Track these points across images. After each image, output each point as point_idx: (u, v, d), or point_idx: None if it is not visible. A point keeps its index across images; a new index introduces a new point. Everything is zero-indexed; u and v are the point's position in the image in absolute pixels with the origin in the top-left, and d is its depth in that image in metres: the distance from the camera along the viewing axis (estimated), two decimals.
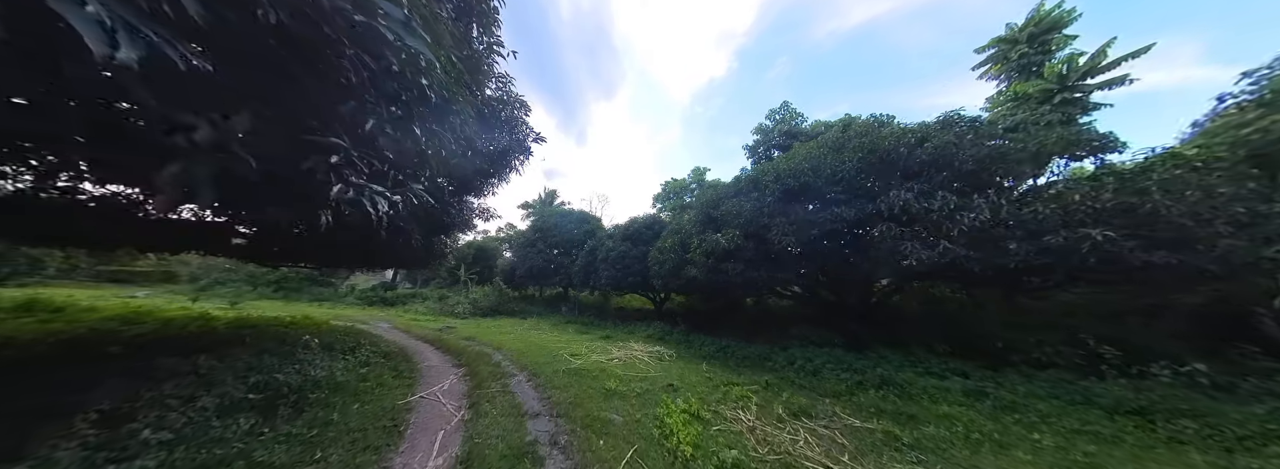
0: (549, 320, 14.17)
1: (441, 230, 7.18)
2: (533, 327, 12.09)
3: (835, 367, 6.49)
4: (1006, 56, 11.86)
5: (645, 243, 13.97)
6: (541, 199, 25.33)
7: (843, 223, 7.07)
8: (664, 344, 9.02)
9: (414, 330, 9.75)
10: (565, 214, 19.28)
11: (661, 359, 7.22)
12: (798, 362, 6.88)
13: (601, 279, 13.62)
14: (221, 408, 3.57)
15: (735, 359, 7.44)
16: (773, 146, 12.50)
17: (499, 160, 6.28)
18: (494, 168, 6.32)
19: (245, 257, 8.32)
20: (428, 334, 9.20)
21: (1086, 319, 7.02)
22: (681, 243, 9.98)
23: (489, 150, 5.81)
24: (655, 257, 10.99)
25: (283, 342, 6.35)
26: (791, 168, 7.73)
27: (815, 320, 10.65)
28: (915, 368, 6.41)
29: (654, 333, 10.69)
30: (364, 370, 5.35)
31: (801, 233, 7.34)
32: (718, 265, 8.40)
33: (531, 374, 5.66)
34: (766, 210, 7.86)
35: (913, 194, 6.43)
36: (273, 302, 16.75)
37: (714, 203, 9.87)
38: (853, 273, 8.21)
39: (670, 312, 15.28)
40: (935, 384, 5.47)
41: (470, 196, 7.46)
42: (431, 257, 8.08)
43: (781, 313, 13.75)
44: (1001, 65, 12.19)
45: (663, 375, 5.93)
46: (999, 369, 6.26)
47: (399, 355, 6.57)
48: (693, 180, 21.67)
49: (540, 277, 18.54)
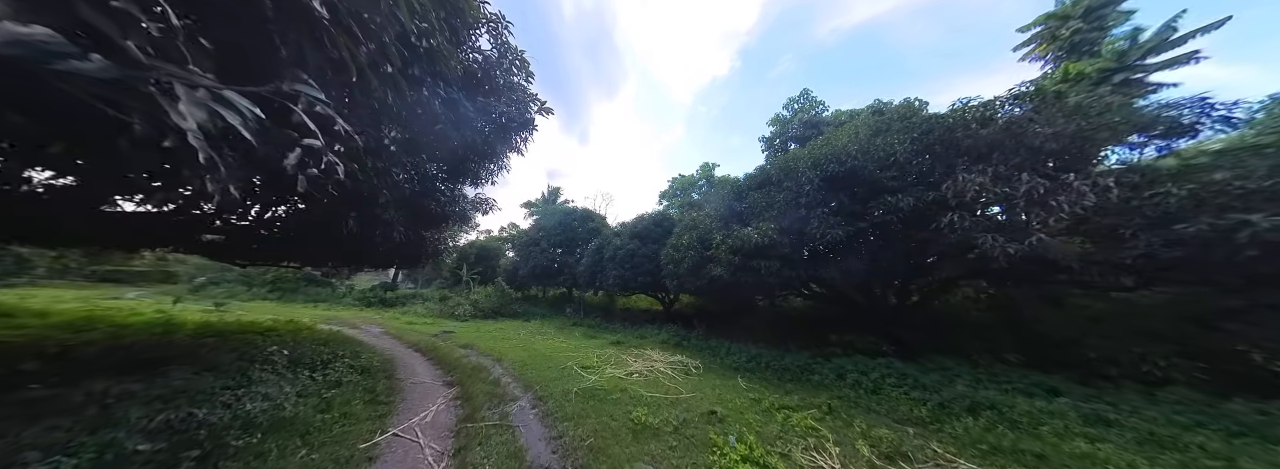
0: (553, 323, 13.00)
1: (432, 223, 6.01)
2: (537, 330, 10.91)
3: (898, 382, 5.32)
4: (1056, 34, 10.71)
5: (655, 241, 12.84)
6: (544, 197, 24.17)
7: (899, 213, 5.91)
8: (684, 352, 7.84)
9: (407, 336, 8.57)
10: (569, 212, 18.14)
11: (688, 372, 6.04)
12: (850, 375, 5.71)
13: (609, 279, 12.46)
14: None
15: (773, 372, 6.26)
16: (790, 139, 11.35)
17: (496, 137, 5.08)
18: (489, 146, 5.11)
19: (222, 255, 7.15)
20: (421, 341, 8.02)
21: (1169, 324, 5.84)
22: (701, 239, 8.82)
23: (479, 127, 4.60)
24: (670, 255, 9.83)
25: (243, 354, 5.19)
26: (833, 152, 6.56)
27: (841, 323, 9.50)
28: (997, 384, 5.23)
29: (668, 337, 9.52)
30: (330, 394, 4.18)
31: (848, 225, 6.18)
32: (746, 263, 7.24)
33: (537, 397, 4.48)
34: (804, 200, 6.70)
35: (986, 178, 5.27)
36: (266, 303, 15.59)
37: (737, 194, 8.72)
38: (899, 270, 7.05)
39: (681, 313, 14.11)
40: (1038, 407, 4.30)
41: (465, 185, 6.29)
42: (424, 254, 6.92)
43: (798, 315, 12.58)
44: (1049, 45, 11.04)
45: (697, 396, 4.75)
46: (1092, 383, 5.09)
47: (380, 371, 5.39)
48: (701, 176, 20.51)
49: (543, 277, 17.39)
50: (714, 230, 8.47)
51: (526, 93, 4.96)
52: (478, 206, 6.44)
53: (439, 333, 9.17)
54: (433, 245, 6.77)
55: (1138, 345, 5.41)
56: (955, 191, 5.45)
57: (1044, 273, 5.68)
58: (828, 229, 6.16)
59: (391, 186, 3.73)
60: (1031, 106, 5.96)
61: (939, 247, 5.96)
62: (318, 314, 12.71)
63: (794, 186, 7.06)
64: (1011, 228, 5.00)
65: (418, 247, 6.30)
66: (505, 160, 5.77)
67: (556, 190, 24.13)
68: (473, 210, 6.52)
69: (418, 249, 6.48)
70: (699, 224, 9.60)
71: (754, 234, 6.72)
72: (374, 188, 3.40)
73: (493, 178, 6.10)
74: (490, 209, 6.56)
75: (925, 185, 5.92)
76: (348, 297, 18.07)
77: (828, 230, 6.16)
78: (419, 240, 6.14)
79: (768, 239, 6.62)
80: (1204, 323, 5.75)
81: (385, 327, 10.26)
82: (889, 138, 6.35)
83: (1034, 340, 6.31)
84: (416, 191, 4.62)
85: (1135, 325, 6.07)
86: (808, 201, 6.65)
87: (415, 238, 6.02)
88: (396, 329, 9.77)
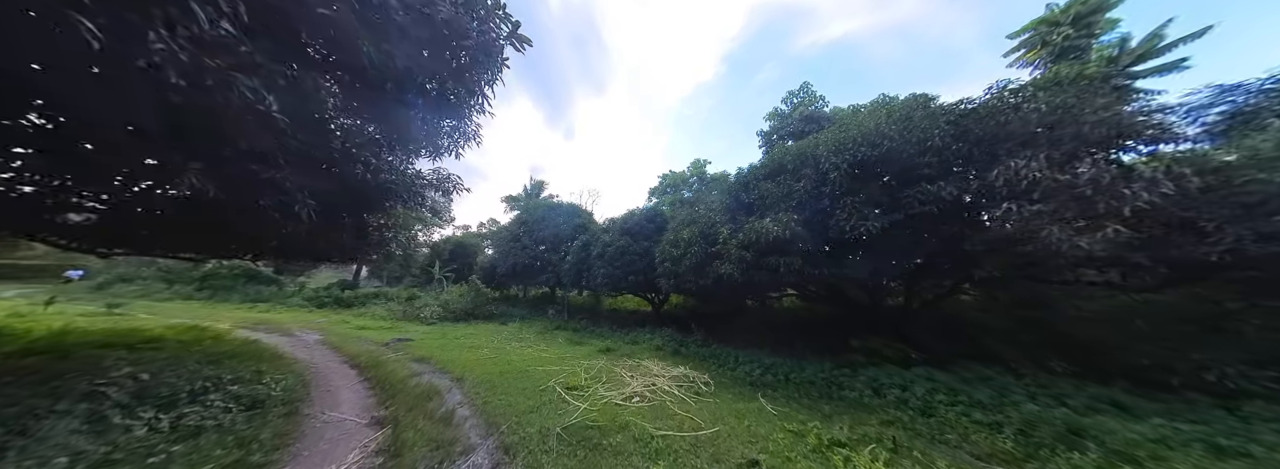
0: (534, 326, 11.48)
1: (367, 200, 4.46)
2: (514, 335, 9.38)
3: (949, 400, 4.38)
4: (1046, 40, 10.59)
5: (646, 238, 11.63)
6: (527, 191, 22.37)
7: (940, 204, 5.03)
8: (685, 361, 6.66)
9: (349, 346, 6.83)
10: (554, 207, 16.61)
11: (698, 392, 4.84)
12: (888, 391, 4.73)
13: (597, 278, 11.11)
14: None
15: (796, 387, 5.18)
16: (788, 134, 10.55)
17: (451, 77, 3.52)
18: (443, 89, 3.58)
19: (99, 243, 5.18)
20: (365, 352, 6.35)
21: (1181, 328, 5.31)
22: (704, 234, 7.70)
23: (417, 42, 3.02)
24: (666, 251, 8.65)
25: (64, 384, 3.47)
26: (863, 134, 5.63)
27: (844, 325, 8.70)
28: (1056, 398, 4.38)
29: (663, 342, 8.31)
30: (171, 451, 2.62)
31: (880, 217, 5.25)
32: (760, 260, 6.17)
33: (503, 447, 3.08)
34: (828, 189, 5.73)
35: (1041, 164, 4.47)
36: (189, 304, 12.96)
37: (744, 185, 7.68)
38: (932, 266, 6.23)
39: (673, 315, 12.97)
40: (1141, 433, 3.42)
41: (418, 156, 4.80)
42: (366, 245, 5.32)
43: (794, 315, 11.74)
44: (1038, 50, 10.93)
45: (723, 432, 3.56)
46: (1155, 395, 4.36)
47: (281, 403, 3.75)
48: (693, 173, 19.55)
49: (524, 275, 15.74)
50: (720, 224, 7.38)
51: (491, 10, 3.37)
52: (438, 185, 4.90)
53: (393, 341, 7.48)
54: (378, 234, 5.19)
55: (1191, 350, 4.75)
56: (1008, 179, 4.62)
57: (1096, 270, 4.94)
58: (860, 221, 5.19)
59: (262, 119, 2.30)
60: (1074, 91, 5.28)
61: (981, 241, 5.13)
62: (247, 317, 10.51)
63: (814, 174, 6.09)
64: (1081, 220, 4.18)
65: (357, 235, 4.72)
66: (467, 115, 4.30)
67: (540, 184, 22.42)
68: (430, 189, 4.98)
69: (358, 239, 4.89)
70: (700, 218, 8.50)
71: (773, 227, 5.66)
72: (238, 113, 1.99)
73: (456, 147, 4.65)
74: (455, 189, 5.00)
75: (967, 173, 5.10)
76: (297, 296, 15.57)
77: (860, 222, 5.19)
78: (359, 229, 4.57)
79: (789, 232, 5.56)
80: (1203, 324, 5.19)
81: (327, 333, 8.40)
82: (925, 121, 5.49)
83: (1065, 344, 5.61)
84: (334, 151, 3.17)
85: (1173, 329, 5.48)
86: (833, 190, 5.68)
87: (354, 225, 4.45)
88: (340, 336, 7.96)
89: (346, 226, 4.63)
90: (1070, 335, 5.68)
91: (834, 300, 9.83)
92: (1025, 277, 6.38)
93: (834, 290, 8.84)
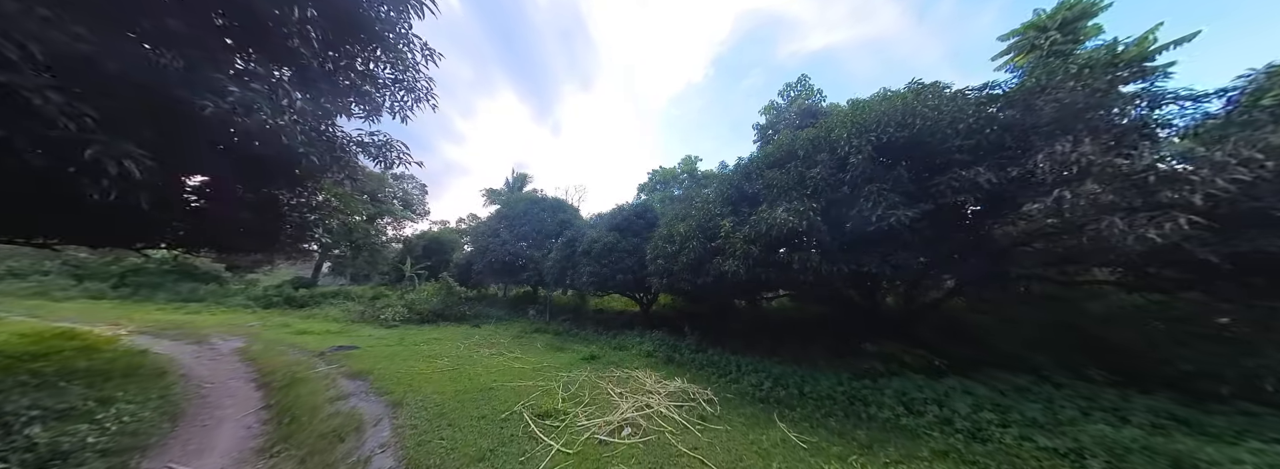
0: (511, 329, 10.24)
1: (267, 169, 3.21)
2: (485, 340, 8.15)
3: (998, 418, 3.64)
4: (1035, 44, 10.49)
5: (636, 234, 10.65)
6: (510, 184, 20.84)
7: (978, 192, 4.33)
8: (682, 371, 5.71)
9: (269, 358, 5.42)
10: (537, 201, 15.34)
11: (703, 414, 3.88)
12: (923, 407, 3.95)
13: (582, 277, 10.01)
14: None
15: (815, 404, 4.33)
16: (785, 127, 9.90)
17: None
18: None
19: None
20: (288, 365, 5.00)
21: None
22: (702, 228, 6.79)
23: None
24: (659, 248, 7.69)
25: None
26: (891, 110, 4.88)
27: (839, 326, 8.06)
28: (1108, 413, 3.73)
29: (654, 348, 7.35)
30: None
31: (909, 206, 4.50)
32: (768, 256, 5.33)
33: None
34: (849, 176, 4.94)
35: (1091, 147, 3.85)
36: (94, 304, 10.77)
37: (746, 175, 6.85)
38: (957, 262, 5.57)
39: (662, 316, 12.04)
40: (1250, 464, 2.73)
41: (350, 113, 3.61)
42: (281, 229, 4.01)
43: (784, 316, 11.07)
44: (1027, 55, 10.84)
45: None
46: (1210, 407, 3.80)
47: (100, 454, 2.48)
48: (684, 170, 18.75)
49: (503, 273, 14.36)
50: (720, 216, 6.49)
51: None
52: (375, 152, 3.67)
53: (331, 350, 6.09)
54: (297, 216, 3.91)
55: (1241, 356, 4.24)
56: (1054, 163, 3.97)
57: (1151, 268, 4.37)
58: (889, 210, 4.41)
59: None
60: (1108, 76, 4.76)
61: (1015, 234, 4.50)
62: (161, 320, 8.72)
63: (830, 160, 5.31)
64: (1145, 210, 3.55)
65: (265, 217, 3.46)
66: (412, 68, 3.19)
67: (523, 177, 20.94)
68: (365, 156, 3.72)
69: (267, 220, 3.62)
70: (692, 212, 7.60)
71: (787, 217, 4.81)
72: None
73: (402, 107, 3.48)
74: (398, 160, 3.71)
75: (1002, 158, 4.44)
76: (241, 295, 13.53)
77: (889, 212, 4.41)
78: (262, 207, 3.32)
79: (805, 223, 4.72)
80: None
81: (253, 340, 6.89)
82: (953, 103, 4.82)
83: (1096, 348, 5.06)
84: (176, 72, 2.02)
85: (1183, 332, 5.03)
86: (853, 177, 4.89)
87: (256, 200, 3.22)
88: (267, 344, 6.49)
89: (245, 203, 3.36)
90: (1103, 339, 5.14)
91: (829, 300, 9.19)
92: (1039, 277, 5.88)
93: (831, 289, 8.16)
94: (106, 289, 12.38)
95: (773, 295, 10.73)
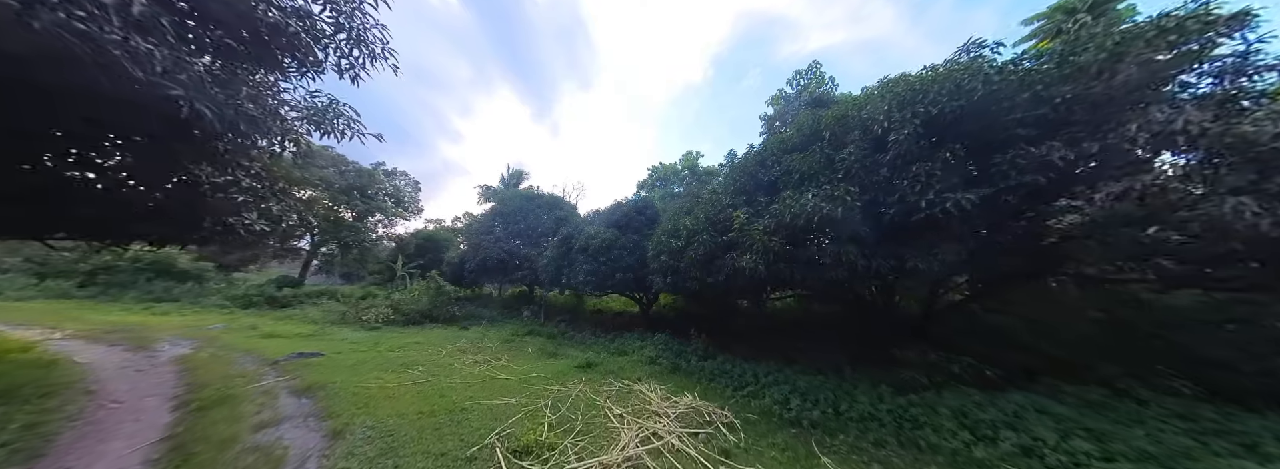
0: (502, 331, 9.41)
1: (189, 148, 2.37)
2: (472, 345, 7.32)
3: (1099, 449, 2.86)
4: (1062, 28, 9.80)
5: (636, 230, 9.85)
6: (505, 180, 19.98)
7: (1048, 171, 3.56)
8: (691, 383, 4.91)
9: (210, 368, 4.57)
10: (532, 197, 14.51)
11: (726, 449, 3.07)
12: (989, 429, 3.15)
13: (579, 276, 9.18)
14: None
15: (859, 428, 3.53)
16: (784, 126, 9.14)
17: None
18: None
19: None
20: (227, 378, 4.15)
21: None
22: (712, 220, 6.00)
23: None
24: (662, 243, 6.89)
25: None
26: (935, 83, 4.10)
27: (850, 327, 7.29)
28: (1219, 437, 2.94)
29: (657, 354, 6.55)
30: None
31: (969, 187, 3.72)
32: (791, 251, 4.53)
33: None
34: (889, 156, 4.15)
35: (1204, 113, 3.09)
36: (48, 304, 9.82)
37: (761, 161, 6.06)
38: (1006, 253, 4.77)
39: (663, 317, 11.24)
40: None
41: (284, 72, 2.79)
42: (195, 223, 3.17)
43: (789, 317, 10.28)
44: (1051, 40, 10.18)
45: None
46: None
47: None
48: (685, 166, 17.95)
49: (497, 272, 13.52)
50: (732, 207, 5.70)
51: None
52: (315, 117, 2.82)
53: (288, 358, 5.23)
54: (228, 204, 3.07)
55: None
56: (1155, 133, 3.20)
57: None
58: (944, 193, 3.63)
59: None
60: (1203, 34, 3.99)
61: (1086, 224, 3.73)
62: (110, 322, 7.85)
63: (863, 139, 4.52)
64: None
65: (177, 196, 2.63)
66: (356, 8, 2.39)
67: (519, 173, 20.08)
68: (304, 121, 2.89)
69: (180, 200, 2.78)
70: (699, 205, 6.81)
71: (819, 204, 4.01)
72: None
73: (351, 63, 2.67)
74: (348, 129, 2.89)
75: (1074, 132, 3.67)
76: (218, 295, 12.61)
77: (943, 196, 3.63)
78: (183, 185, 2.49)
79: (839, 210, 3.93)
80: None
81: (208, 345, 6.00)
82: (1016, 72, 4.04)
83: (1185, 358, 4.28)
84: None
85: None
86: (896, 157, 4.11)
87: (159, 170, 2.38)
88: (221, 350, 5.62)
89: (153, 181, 2.52)
90: (1189, 348, 4.36)
91: (841, 300, 8.39)
92: (1080, 275, 5.11)
93: (849, 288, 7.37)
94: (71, 288, 11.42)
95: (780, 296, 9.96)
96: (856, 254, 4.08)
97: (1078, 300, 5.56)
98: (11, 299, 10.01)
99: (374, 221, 19.75)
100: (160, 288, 12.48)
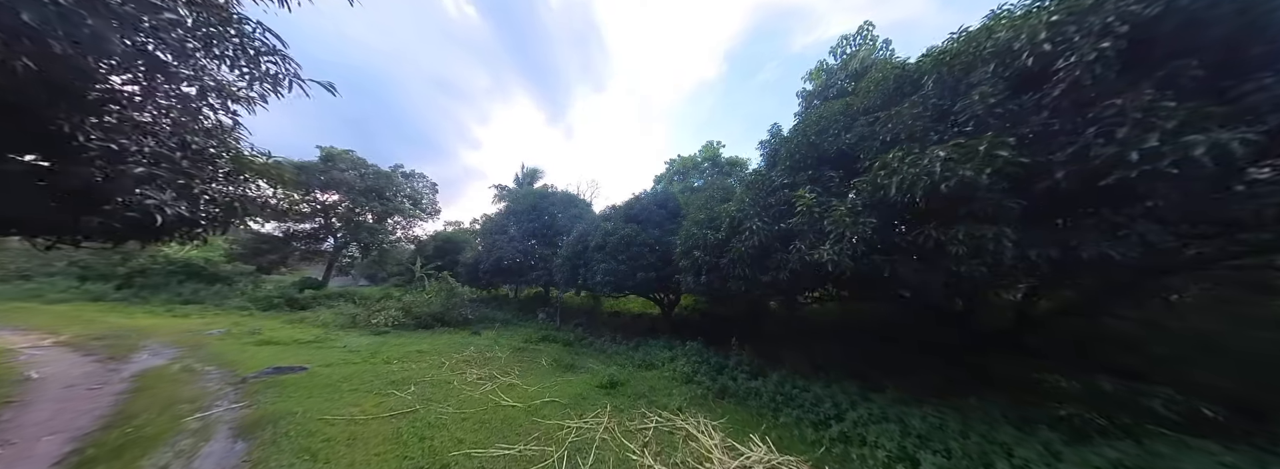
0: (516, 336, 8.37)
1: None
2: (480, 354, 6.29)
3: None
4: None
5: (657, 225, 8.61)
6: (519, 179, 19.20)
7: None
8: (746, 413, 3.65)
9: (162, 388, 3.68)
10: (546, 195, 13.55)
11: None
12: None
13: (595, 275, 8.03)
14: None
15: None
16: (839, 94, 7.61)
17: None
18: None
19: None
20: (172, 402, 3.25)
21: None
22: (760, 205, 4.66)
23: None
24: (694, 235, 5.62)
25: None
26: None
27: (910, 336, 5.73)
28: None
29: (692, 368, 5.30)
30: None
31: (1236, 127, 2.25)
32: (895, 237, 3.16)
33: None
34: (1053, 97, 2.73)
35: None
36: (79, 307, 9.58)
37: (823, 128, 4.66)
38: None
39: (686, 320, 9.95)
40: None
41: None
42: (87, 206, 2.17)
43: (830, 322, 8.69)
44: None
45: None
46: None
47: None
48: (705, 158, 16.59)
49: (512, 273, 12.61)
50: (788, 186, 4.36)
51: None
52: (228, 55, 1.81)
53: (262, 373, 4.28)
54: (142, 179, 2.07)
55: None
56: None
57: None
58: (1181, 134, 2.20)
59: None
60: None
61: None
62: (119, 325, 7.34)
63: (994, 79, 3.10)
64: None
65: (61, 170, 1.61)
66: None
67: (534, 172, 19.25)
68: (222, 64, 1.87)
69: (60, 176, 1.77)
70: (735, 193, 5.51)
71: (950, 166, 2.64)
72: None
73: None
74: (284, 80, 1.91)
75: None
76: (242, 297, 12.31)
77: (1185, 140, 2.19)
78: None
79: (985, 173, 2.55)
80: None
81: (191, 352, 5.21)
82: None
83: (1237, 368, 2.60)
84: None
85: None
86: (1065, 95, 2.68)
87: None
88: (193, 362, 4.75)
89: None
90: (1226, 350, 2.67)
91: (893, 301, 6.77)
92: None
93: (902, 291, 5.81)
94: (109, 290, 11.33)
95: (814, 295, 8.36)
96: (1006, 240, 2.67)
97: (1182, 311, 3.81)
98: (48, 302, 9.88)
99: (392, 223, 19.46)
100: (189, 290, 12.29)
